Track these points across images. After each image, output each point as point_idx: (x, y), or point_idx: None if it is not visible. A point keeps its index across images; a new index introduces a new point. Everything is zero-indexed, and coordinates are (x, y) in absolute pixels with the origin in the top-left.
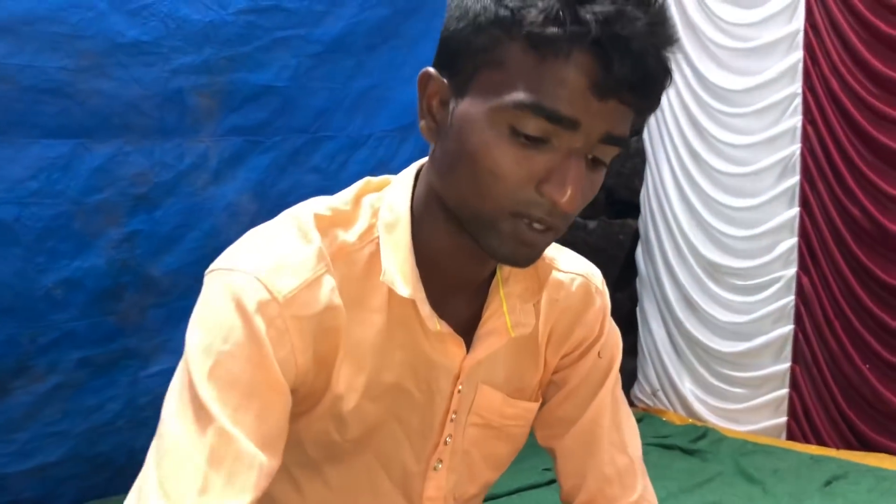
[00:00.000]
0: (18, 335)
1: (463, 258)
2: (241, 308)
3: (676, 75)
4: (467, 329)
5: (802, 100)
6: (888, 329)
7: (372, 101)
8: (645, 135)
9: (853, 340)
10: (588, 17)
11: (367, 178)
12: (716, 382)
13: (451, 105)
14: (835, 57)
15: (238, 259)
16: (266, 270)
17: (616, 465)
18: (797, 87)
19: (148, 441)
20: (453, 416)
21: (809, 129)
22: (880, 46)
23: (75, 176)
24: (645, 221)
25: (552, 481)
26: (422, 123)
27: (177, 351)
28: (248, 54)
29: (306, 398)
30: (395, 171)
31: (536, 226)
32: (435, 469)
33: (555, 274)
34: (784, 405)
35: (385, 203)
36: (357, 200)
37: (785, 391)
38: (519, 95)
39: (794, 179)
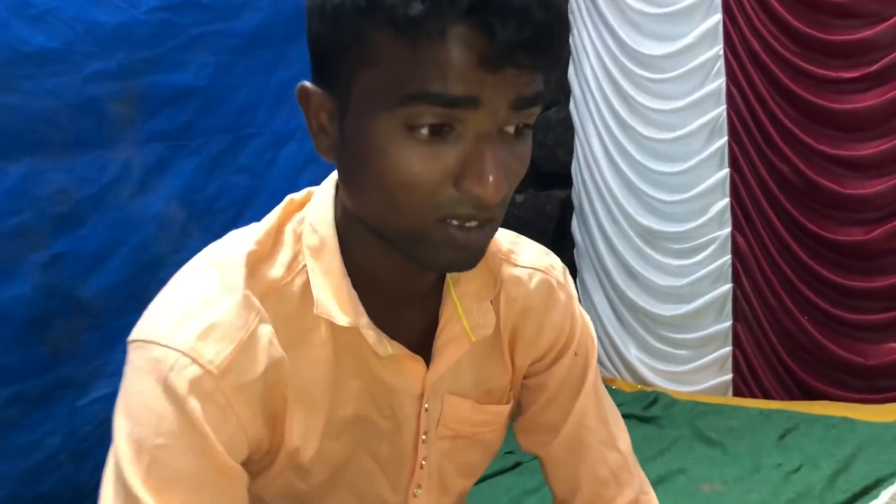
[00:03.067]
0: None
1: (402, 272)
2: (170, 391)
3: (599, 45)
4: (424, 340)
5: (724, 61)
6: (823, 280)
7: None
8: (571, 106)
9: (790, 294)
10: None
11: (290, 197)
12: (660, 346)
13: (338, 117)
14: (753, 17)
15: (160, 328)
16: (192, 339)
17: (608, 463)
18: (719, 49)
19: (92, 473)
20: (424, 436)
21: (734, 90)
22: (797, 4)
23: None
24: (578, 193)
25: (517, 464)
26: (315, 144)
27: (116, 374)
28: (164, 55)
29: (261, 459)
30: (329, 163)
31: (469, 224)
32: (415, 496)
33: (511, 269)
34: (728, 363)
35: (307, 225)
36: (279, 227)
37: (728, 349)
38: (403, 90)
39: (723, 141)
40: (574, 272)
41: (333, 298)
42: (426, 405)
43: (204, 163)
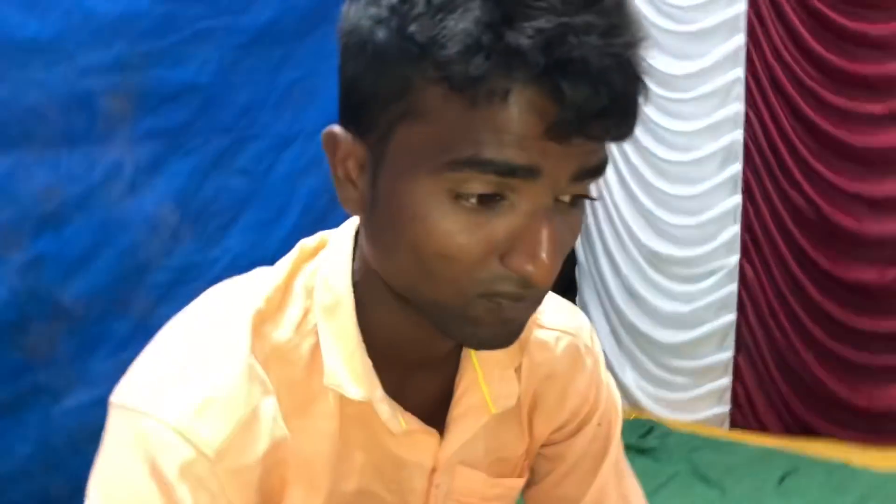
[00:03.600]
0: None
1: (425, 336)
2: (157, 474)
3: None
4: (437, 408)
5: (745, 86)
6: (831, 317)
7: (301, 95)
8: None
9: (796, 329)
10: (523, 41)
11: (302, 244)
12: (658, 372)
13: (371, 170)
14: (777, 41)
15: (151, 395)
16: (188, 415)
17: None
18: (739, 72)
19: (63, 485)
20: None
21: (752, 115)
22: (824, 32)
23: None
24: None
25: None
26: (340, 195)
27: (93, 382)
28: (166, 49)
29: None
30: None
31: (511, 300)
32: None
33: (537, 332)
34: (727, 394)
35: (320, 279)
36: (288, 281)
37: (728, 380)
38: (452, 153)
39: (737, 167)
40: (574, 290)
41: (345, 367)
42: (437, 481)
43: (201, 164)
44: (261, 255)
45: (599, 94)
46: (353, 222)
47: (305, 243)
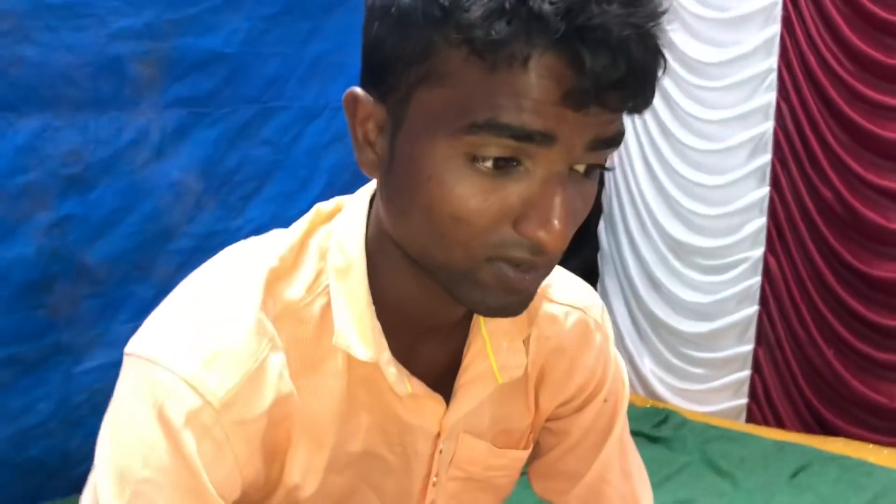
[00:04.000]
0: None
1: (434, 303)
2: (164, 420)
3: None
4: (445, 375)
5: (778, 76)
6: (854, 314)
7: (328, 68)
8: None
9: (818, 324)
10: (545, 7)
11: (318, 207)
12: (677, 362)
13: (390, 132)
14: (813, 32)
15: (163, 346)
16: (196, 366)
17: None
18: (773, 61)
19: (82, 443)
20: (434, 478)
21: (783, 106)
22: (860, 23)
23: None
24: (609, 195)
25: None
26: (358, 156)
27: (114, 344)
28: (196, 17)
29: (254, 494)
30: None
31: (522, 266)
32: None
33: (547, 306)
34: (745, 387)
35: (334, 241)
36: (303, 242)
37: (747, 373)
38: (470, 116)
39: (766, 158)
40: (596, 276)
41: (355, 328)
42: (441, 446)
43: (226, 133)
44: (282, 226)
45: (618, 64)
46: (369, 188)
47: (321, 206)
